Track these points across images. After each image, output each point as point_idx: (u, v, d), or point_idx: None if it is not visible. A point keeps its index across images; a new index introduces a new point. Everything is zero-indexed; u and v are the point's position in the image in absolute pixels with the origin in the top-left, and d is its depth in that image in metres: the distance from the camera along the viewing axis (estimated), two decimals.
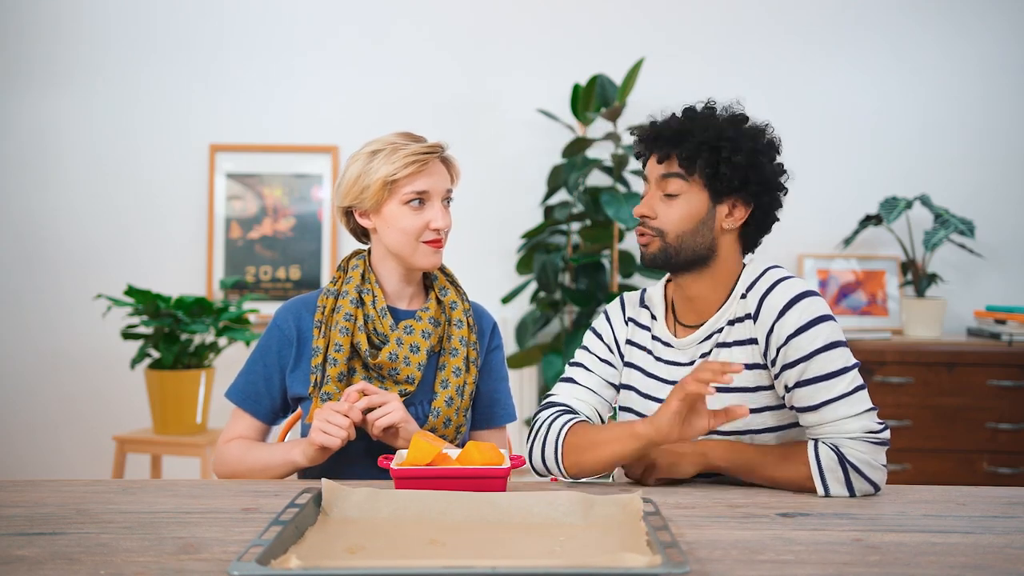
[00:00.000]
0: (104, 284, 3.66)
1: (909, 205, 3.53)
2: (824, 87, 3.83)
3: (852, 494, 1.53)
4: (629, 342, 1.80)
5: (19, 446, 3.81)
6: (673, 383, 1.71)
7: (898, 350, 3.37)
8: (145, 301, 3.18)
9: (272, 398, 1.85)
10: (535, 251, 3.67)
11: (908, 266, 3.66)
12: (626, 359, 1.80)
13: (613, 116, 3.47)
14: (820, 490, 1.53)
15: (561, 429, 1.66)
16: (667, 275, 1.81)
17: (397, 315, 1.85)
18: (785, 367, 1.57)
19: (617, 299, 1.86)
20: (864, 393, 1.55)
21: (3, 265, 3.82)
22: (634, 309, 1.82)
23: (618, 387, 1.80)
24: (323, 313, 1.81)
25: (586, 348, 1.82)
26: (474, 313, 1.93)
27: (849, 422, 1.53)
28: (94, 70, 3.82)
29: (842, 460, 1.52)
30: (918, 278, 3.61)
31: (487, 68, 3.84)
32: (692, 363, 1.71)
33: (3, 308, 3.82)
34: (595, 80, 3.61)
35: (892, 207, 3.52)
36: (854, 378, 1.55)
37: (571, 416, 1.69)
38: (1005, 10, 3.79)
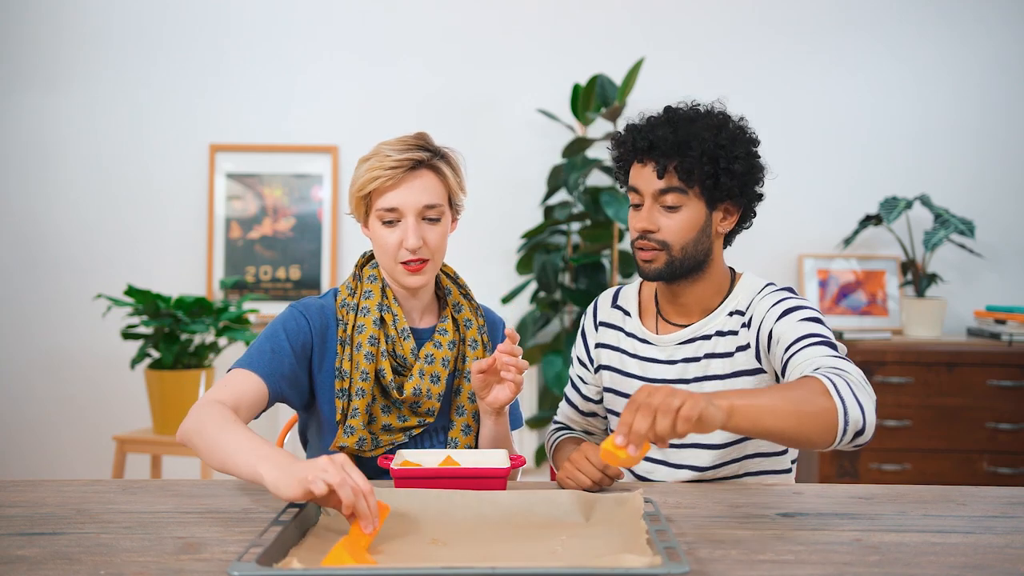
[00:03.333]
0: (104, 284, 3.66)
1: (909, 205, 3.53)
2: (824, 87, 3.83)
3: (862, 408, 1.37)
4: (600, 345, 1.83)
5: (19, 446, 3.81)
6: (649, 380, 1.74)
7: (898, 350, 3.37)
8: (145, 301, 3.18)
9: (290, 381, 1.64)
10: (535, 251, 3.67)
11: (908, 266, 3.66)
12: (599, 363, 1.84)
13: (613, 116, 3.47)
14: (838, 405, 1.35)
15: (553, 445, 1.87)
16: None
17: (414, 334, 1.75)
18: (776, 340, 1.60)
19: (593, 302, 1.89)
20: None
21: (3, 265, 3.82)
22: (606, 311, 1.85)
23: (599, 393, 1.86)
24: (345, 330, 1.70)
25: (572, 361, 1.91)
26: (487, 324, 1.84)
27: (839, 360, 1.50)
28: (94, 70, 3.81)
29: (836, 376, 1.41)
30: (918, 278, 3.61)
31: (487, 68, 3.84)
32: (672, 362, 1.72)
33: (3, 308, 3.82)
34: (595, 80, 3.61)
35: (892, 207, 3.52)
36: (837, 345, 1.57)
37: (564, 432, 1.89)
38: (1004, 10, 3.79)
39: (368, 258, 1.81)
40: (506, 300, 3.70)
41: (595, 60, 3.74)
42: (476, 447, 1.76)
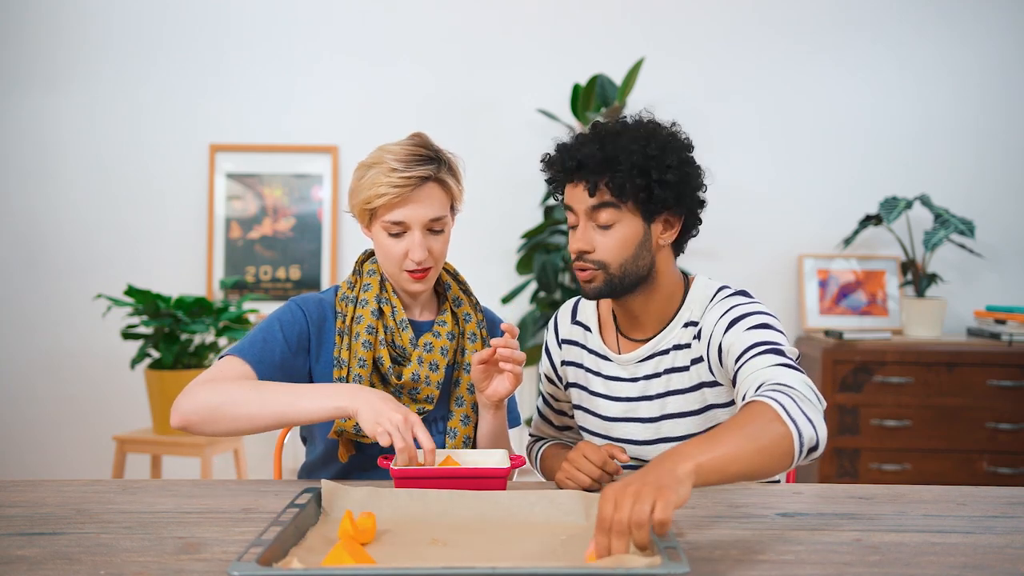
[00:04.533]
0: (104, 284, 3.66)
1: (909, 205, 3.53)
2: (824, 87, 3.83)
3: (813, 425, 1.33)
4: (565, 363, 1.82)
5: (19, 446, 3.81)
6: (614, 399, 1.73)
7: (898, 350, 3.37)
8: (145, 301, 3.18)
9: (281, 370, 1.67)
10: (535, 251, 3.67)
11: (908, 266, 3.66)
12: (567, 381, 1.83)
13: (613, 116, 3.46)
14: (792, 429, 1.30)
15: (538, 454, 1.88)
16: None
17: (413, 326, 1.77)
18: (726, 353, 1.57)
19: (552, 318, 1.87)
20: (793, 364, 1.49)
21: (4, 265, 3.82)
22: (567, 328, 1.83)
23: (571, 409, 1.85)
24: (344, 322, 1.72)
25: (540, 377, 1.91)
26: (487, 321, 1.86)
27: (783, 370, 1.45)
28: (95, 71, 3.82)
29: (781, 391, 1.36)
30: (918, 278, 3.61)
31: (487, 68, 3.84)
32: (634, 379, 1.70)
33: (3, 308, 3.83)
34: (595, 80, 3.61)
35: (892, 207, 3.52)
36: (790, 356, 1.51)
37: (545, 442, 1.90)
38: (1004, 10, 3.80)
39: (368, 255, 1.83)
40: (506, 300, 3.70)
41: (595, 60, 3.74)
42: (475, 438, 1.77)
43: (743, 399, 1.47)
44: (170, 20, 3.83)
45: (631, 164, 1.57)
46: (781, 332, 1.57)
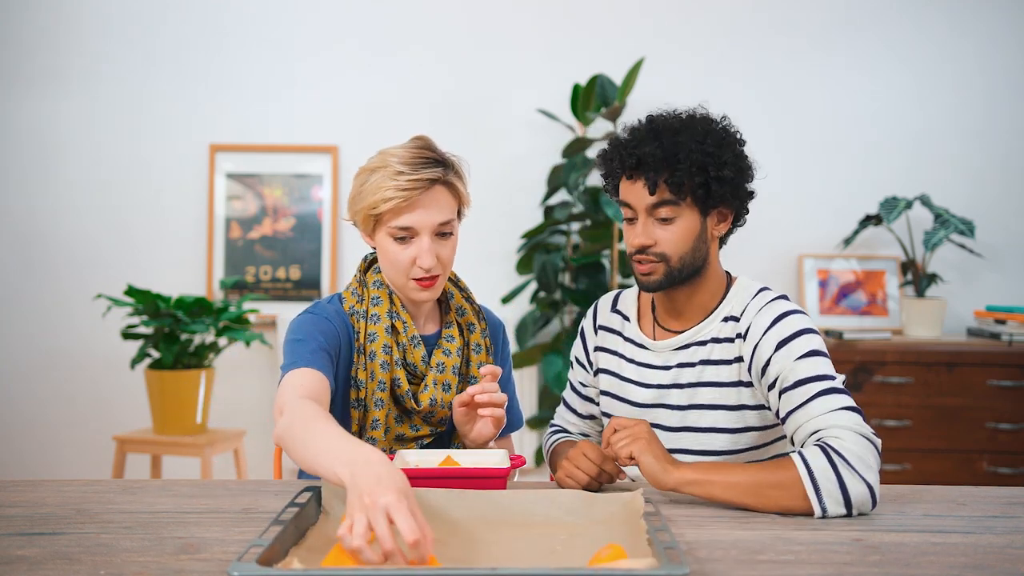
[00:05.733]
0: (104, 284, 3.66)
1: (909, 205, 3.53)
2: (824, 87, 3.83)
3: (848, 502, 1.38)
4: (599, 348, 1.83)
5: (19, 446, 3.81)
6: (645, 385, 1.74)
7: (898, 350, 3.37)
8: (145, 301, 3.18)
9: (333, 372, 1.59)
10: (535, 251, 3.67)
11: (908, 266, 3.66)
12: (597, 367, 1.84)
13: (613, 116, 3.47)
14: (814, 499, 1.38)
15: (550, 449, 1.88)
16: None
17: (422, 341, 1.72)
18: (772, 376, 1.57)
19: (592, 305, 1.89)
20: (850, 398, 1.51)
21: (3, 265, 3.82)
22: (605, 315, 1.85)
23: (598, 396, 1.85)
24: (358, 339, 1.66)
25: (571, 363, 1.92)
26: (488, 327, 1.82)
27: (838, 414, 1.46)
28: (95, 70, 3.81)
29: (830, 456, 1.40)
30: (918, 278, 3.62)
31: (487, 68, 3.84)
32: (667, 367, 1.71)
33: (3, 308, 3.82)
34: (595, 80, 3.61)
35: (892, 207, 3.52)
36: (840, 383, 1.53)
37: (561, 436, 1.89)
38: (1005, 10, 3.80)
39: (370, 263, 1.78)
40: (506, 300, 3.70)
41: (595, 60, 3.74)
42: None
43: (792, 444, 1.53)
44: (170, 20, 3.82)
45: (690, 162, 1.59)
46: (827, 355, 1.58)
